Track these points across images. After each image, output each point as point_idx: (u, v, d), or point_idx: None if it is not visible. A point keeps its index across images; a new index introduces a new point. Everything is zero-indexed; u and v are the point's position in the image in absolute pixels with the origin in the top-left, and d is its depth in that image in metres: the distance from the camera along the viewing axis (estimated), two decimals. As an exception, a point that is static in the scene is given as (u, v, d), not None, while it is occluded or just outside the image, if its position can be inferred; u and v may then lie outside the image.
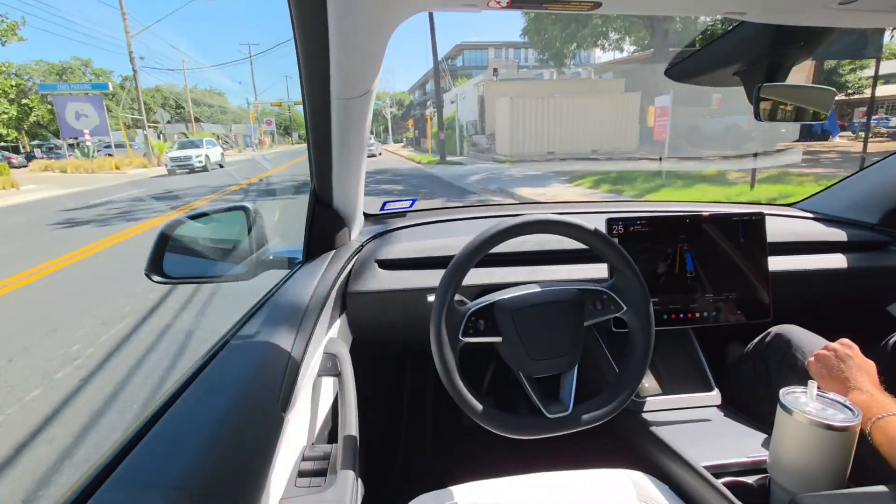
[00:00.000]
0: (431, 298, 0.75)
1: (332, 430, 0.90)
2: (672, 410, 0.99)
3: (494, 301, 0.76)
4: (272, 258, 1.05)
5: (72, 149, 22.64)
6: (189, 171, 16.34)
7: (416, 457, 1.44)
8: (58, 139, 23.89)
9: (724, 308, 1.05)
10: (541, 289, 0.78)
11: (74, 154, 21.93)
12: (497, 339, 0.75)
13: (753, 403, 1.00)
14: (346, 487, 0.62)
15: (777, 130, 14.00)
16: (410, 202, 1.41)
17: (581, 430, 0.74)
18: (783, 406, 0.71)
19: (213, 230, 1.03)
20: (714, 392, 1.01)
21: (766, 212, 1.38)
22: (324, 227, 1.02)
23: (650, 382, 1.03)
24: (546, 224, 0.75)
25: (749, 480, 0.78)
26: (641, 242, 1.03)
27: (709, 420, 0.96)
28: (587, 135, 16.58)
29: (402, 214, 1.40)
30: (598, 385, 1.11)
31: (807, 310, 1.19)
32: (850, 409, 0.69)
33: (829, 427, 0.66)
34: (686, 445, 0.86)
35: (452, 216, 1.38)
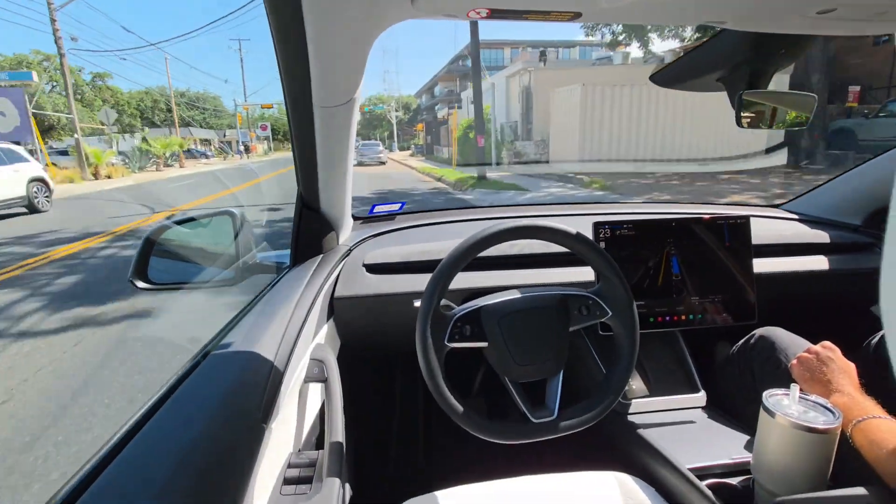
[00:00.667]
0: (418, 304, 0.75)
1: (320, 437, 0.90)
2: (659, 412, 1.00)
3: (480, 306, 0.77)
4: (259, 263, 1.04)
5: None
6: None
7: (407, 461, 1.44)
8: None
9: (710, 310, 1.07)
10: (527, 294, 0.79)
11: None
12: (483, 345, 0.75)
13: (738, 405, 1.01)
14: (332, 494, 0.62)
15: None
16: (400, 205, 1.40)
17: (569, 433, 0.75)
18: (766, 409, 0.72)
19: (199, 235, 1.02)
20: (700, 394, 1.02)
21: (752, 213, 1.40)
22: (311, 232, 1.02)
23: (637, 384, 1.04)
24: (532, 229, 0.76)
25: (733, 482, 0.79)
26: (628, 246, 1.04)
27: (695, 422, 0.97)
28: (700, 138, 11.01)
29: (392, 217, 1.39)
30: (587, 387, 1.12)
31: (792, 311, 1.21)
32: (832, 412, 0.70)
33: (811, 429, 0.67)
34: (672, 447, 0.87)
35: (442, 219, 1.38)
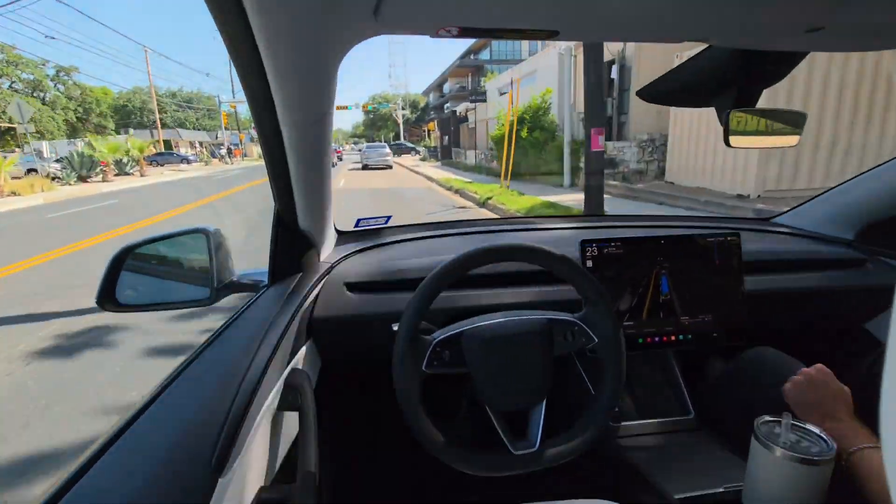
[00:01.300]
0: (396, 328, 0.72)
1: (295, 468, 0.86)
2: (648, 435, 0.97)
3: (462, 330, 0.74)
4: (237, 282, 1.00)
5: None
6: None
7: (393, 485, 1.39)
8: None
9: (700, 330, 1.04)
10: (510, 318, 0.76)
11: None
12: (463, 370, 0.72)
13: (730, 427, 0.98)
14: None
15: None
16: (386, 219, 1.37)
17: (552, 465, 0.72)
18: (758, 438, 0.70)
19: (173, 253, 0.98)
20: (691, 416, 1.00)
21: (742, 227, 1.38)
22: (289, 250, 0.99)
23: (628, 406, 1.01)
24: (516, 251, 0.74)
25: None
26: (616, 265, 1.01)
27: (685, 445, 0.94)
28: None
29: (377, 232, 1.36)
30: (577, 409, 1.09)
31: (784, 330, 1.18)
32: (826, 441, 0.67)
33: (804, 460, 0.65)
34: (661, 474, 0.84)
35: (429, 233, 1.35)
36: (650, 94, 0.84)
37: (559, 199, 8.21)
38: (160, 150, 33.13)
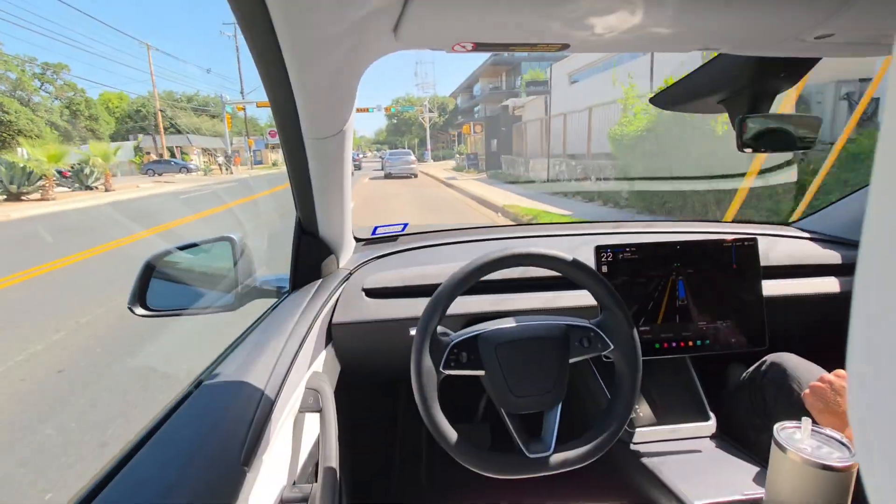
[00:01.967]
0: (413, 332, 0.74)
1: (317, 468, 0.88)
2: (666, 441, 0.96)
3: (478, 333, 0.75)
4: (259, 287, 1.04)
5: None
6: None
7: (409, 488, 1.40)
8: None
9: (718, 336, 1.03)
10: (526, 322, 0.77)
11: None
12: (479, 373, 0.74)
13: (750, 434, 0.97)
14: None
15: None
16: (402, 226, 1.40)
17: (566, 470, 0.72)
18: (777, 443, 0.69)
19: (200, 261, 1.02)
20: (710, 421, 0.99)
21: (762, 231, 1.37)
22: (310, 257, 1.02)
23: (644, 411, 1.01)
24: (533, 257, 0.74)
25: None
26: (631, 270, 1.01)
27: (704, 451, 0.93)
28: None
29: (394, 239, 1.39)
30: (593, 415, 1.09)
31: (804, 336, 1.16)
32: (847, 447, 0.66)
33: (825, 467, 0.64)
34: (679, 480, 0.84)
35: (443, 240, 1.37)
36: (663, 101, 0.85)
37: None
38: (158, 158, 30.75)
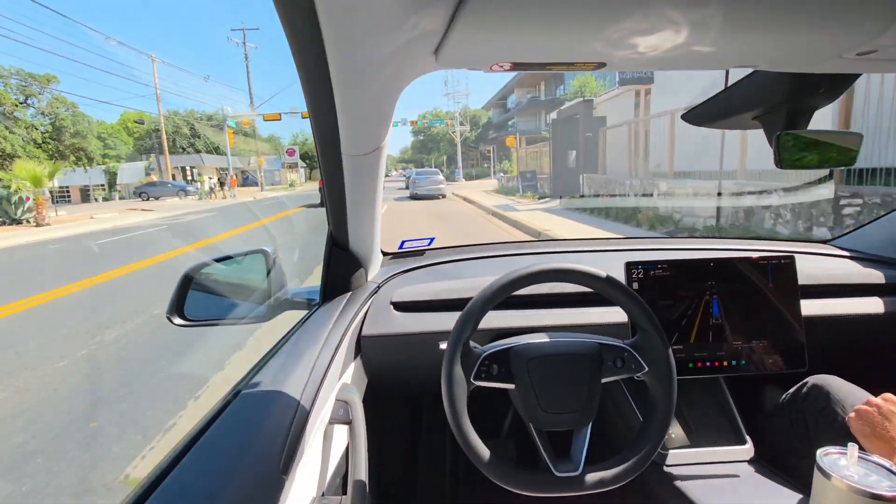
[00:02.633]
0: (443, 346, 0.74)
1: (344, 480, 0.89)
2: (701, 465, 0.93)
3: (511, 346, 0.75)
4: (290, 299, 1.06)
5: None
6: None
7: (434, 502, 1.39)
8: None
9: (755, 356, 1.00)
10: (559, 338, 0.76)
11: None
12: (510, 386, 0.74)
13: (790, 460, 0.93)
14: None
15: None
16: (428, 241, 1.41)
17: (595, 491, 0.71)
18: (821, 469, 0.66)
19: (235, 273, 1.06)
20: (747, 445, 0.95)
21: (800, 250, 1.33)
22: (340, 270, 1.04)
23: (677, 432, 0.98)
24: (569, 273, 0.74)
25: None
26: (663, 287, 1.00)
27: (742, 476, 0.90)
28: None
29: (420, 253, 1.40)
30: (624, 436, 1.06)
31: (845, 358, 1.12)
32: None
33: (874, 496, 0.61)
34: None
35: (470, 255, 1.38)
36: (697, 118, 0.85)
37: None
38: (156, 180, 29.14)
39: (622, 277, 0.99)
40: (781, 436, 0.97)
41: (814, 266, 1.19)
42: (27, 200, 14.54)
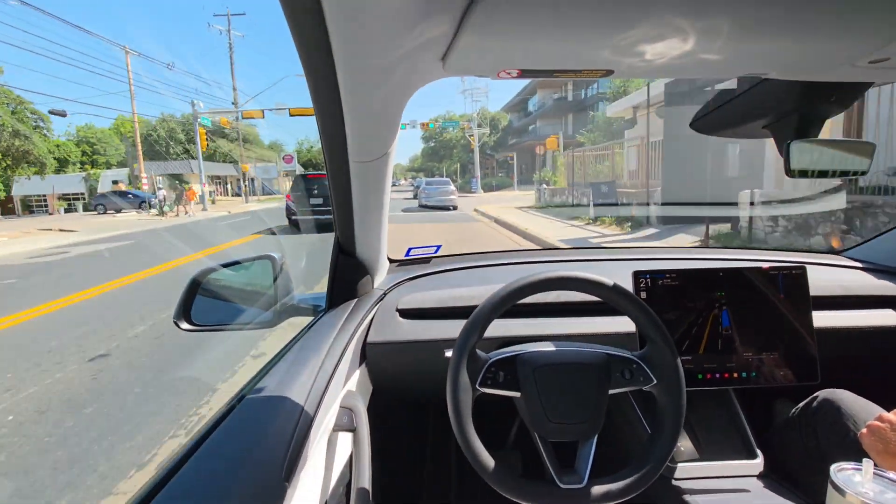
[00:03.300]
0: (449, 353, 0.74)
1: (348, 488, 0.88)
2: (709, 479, 0.91)
3: (517, 354, 0.74)
4: (297, 305, 1.06)
5: None
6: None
7: None
8: None
9: (765, 368, 0.98)
10: (566, 347, 0.76)
11: None
12: (516, 394, 0.73)
13: (801, 475, 0.91)
14: None
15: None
16: (435, 248, 1.41)
17: None
18: (835, 486, 0.64)
19: (242, 278, 1.06)
20: (757, 459, 0.93)
21: (811, 261, 1.31)
22: (346, 276, 1.04)
23: (686, 445, 0.96)
24: (577, 281, 0.73)
25: None
26: (671, 297, 0.99)
27: (752, 491, 0.88)
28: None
29: (427, 260, 1.40)
30: (631, 449, 1.05)
31: (857, 371, 1.10)
32: None
33: None
34: None
35: (476, 263, 1.37)
36: (705, 126, 0.84)
37: None
38: (122, 189, 26.03)
39: (630, 286, 0.98)
40: (792, 450, 0.95)
41: (825, 277, 1.17)
42: None
